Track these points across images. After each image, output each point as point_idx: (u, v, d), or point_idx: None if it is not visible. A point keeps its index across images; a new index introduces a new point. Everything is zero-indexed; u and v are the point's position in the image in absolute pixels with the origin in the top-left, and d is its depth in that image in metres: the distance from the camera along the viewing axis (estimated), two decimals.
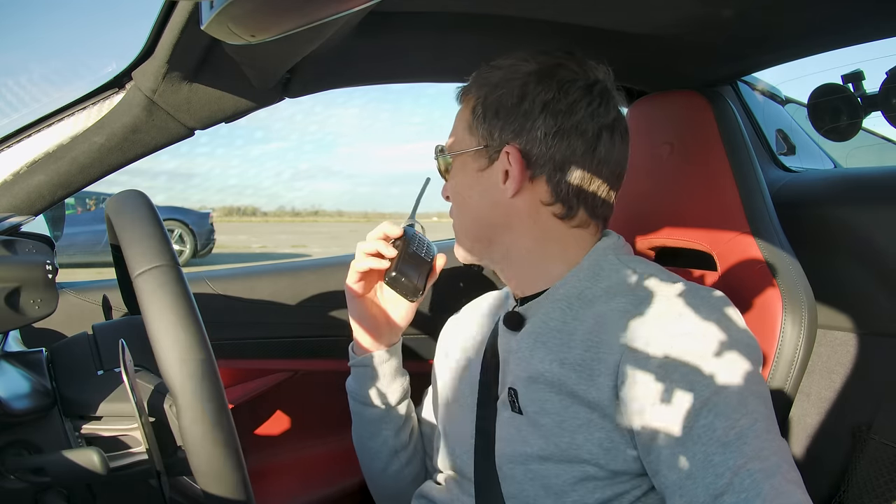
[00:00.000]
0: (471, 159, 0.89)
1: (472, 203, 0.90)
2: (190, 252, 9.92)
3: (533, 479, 0.81)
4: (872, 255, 0.94)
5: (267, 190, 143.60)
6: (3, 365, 0.75)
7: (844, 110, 1.25)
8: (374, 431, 1.05)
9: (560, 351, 0.82)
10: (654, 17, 0.97)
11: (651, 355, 0.75)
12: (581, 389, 0.78)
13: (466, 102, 0.91)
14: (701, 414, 0.71)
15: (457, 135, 0.92)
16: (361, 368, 1.03)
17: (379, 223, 1.00)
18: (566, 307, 0.85)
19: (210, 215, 10.49)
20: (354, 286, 1.00)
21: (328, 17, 0.42)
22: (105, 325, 0.87)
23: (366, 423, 1.05)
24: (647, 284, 0.82)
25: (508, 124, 0.85)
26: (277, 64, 0.93)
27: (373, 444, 1.06)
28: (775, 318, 0.91)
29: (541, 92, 0.85)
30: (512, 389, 0.85)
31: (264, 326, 1.39)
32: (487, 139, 0.87)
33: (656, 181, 1.14)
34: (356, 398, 1.05)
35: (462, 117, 0.91)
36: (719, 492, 0.68)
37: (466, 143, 0.90)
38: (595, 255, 0.88)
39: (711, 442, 0.70)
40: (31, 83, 1.03)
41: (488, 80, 0.88)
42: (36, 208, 0.94)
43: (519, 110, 0.85)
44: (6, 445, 0.70)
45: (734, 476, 0.68)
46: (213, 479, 0.63)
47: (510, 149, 0.85)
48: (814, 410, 0.93)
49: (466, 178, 0.90)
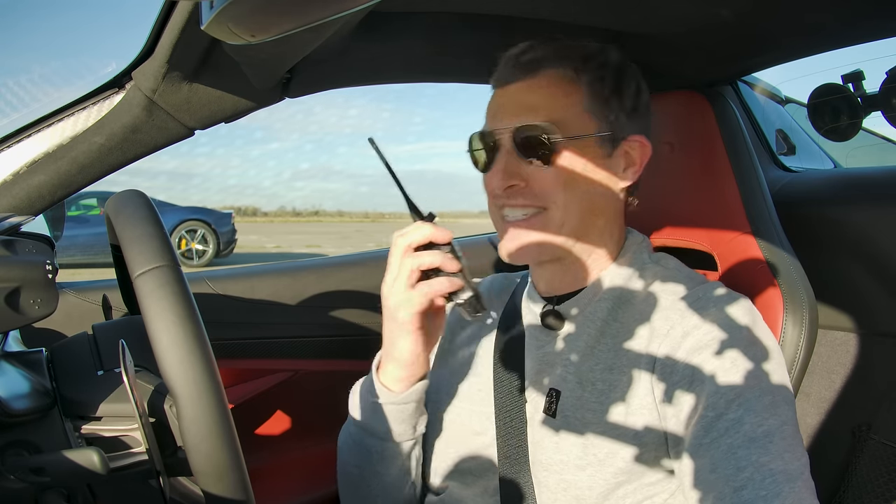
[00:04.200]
0: (595, 144, 0.83)
1: (592, 189, 0.83)
2: (213, 252, 9.99)
3: (566, 490, 0.79)
4: (872, 255, 0.94)
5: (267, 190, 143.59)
6: (3, 365, 0.75)
7: (844, 110, 1.25)
8: (399, 464, 0.90)
9: (605, 354, 0.81)
10: (654, 17, 0.97)
11: (685, 350, 0.76)
12: (624, 394, 0.78)
13: (568, 79, 0.83)
14: (731, 407, 0.71)
15: (563, 114, 0.81)
16: (404, 406, 0.85)
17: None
18: (608, 307, 0.84)
19: (232, 215, 10.62)
20: (416, 318, 0.79)
21: (328, 17, 0.42)
22: (105, 325, 0.87)
23: (390, 458, 0.89)
24: (682, 283, 0.83)
25: (636, 114, 0.87)
26: (277, 64, 0.93)
27: (389, 476, 0.91)
28: (776, 318, 0.91)
29: (645, 88, 0.89)
30: (553, 391, 0.82)
31: (264, 326, 1.39)
32: (613, 125, 0.84)
33: (657, 181, 1.14)
34: (387, 437, 0.87)
35: (568, 96, 0.82)
36: (740, 485, 0.67)
37: (587, 125, 0.82)
38: (629, 254, 0.88)
39: (738, 435, 0.70)
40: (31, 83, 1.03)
41: (596, 63, 0.84)
42: (36, 208, 0.94)
43: (640, 101, 0.87)
44: (6, 445, 0.70)
45: (755, 472, 0.67)
46: (213, 479, 0.63)
47: (640, 139, 0.86)
48: (814, 410, 0.93)
49: (586, 164, 0.82)
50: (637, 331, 0.80)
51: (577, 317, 0.86)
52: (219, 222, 10.21)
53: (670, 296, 0.81)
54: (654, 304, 0.81)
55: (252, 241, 15.29)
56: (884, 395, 0.88)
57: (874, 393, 0.89)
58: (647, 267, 0.86)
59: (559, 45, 0.84)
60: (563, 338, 0.86)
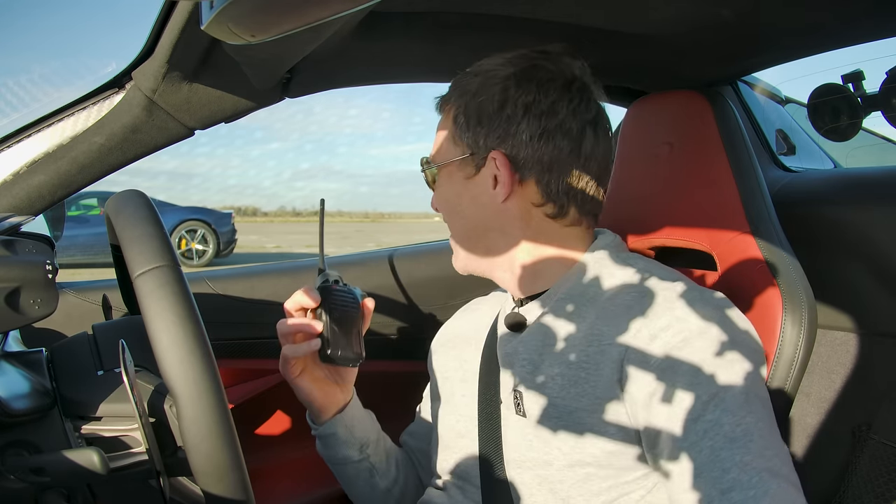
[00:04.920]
0: (457, 168, 0.90)
1: (464, 211, 0.90)
2: (213, 252, 10.00)
3: (541, 484, 0.81)
4: (872, 255, 0.94)
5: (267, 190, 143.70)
6: (3, 365, 0.75)
7: (844, 110, 1.25)
8: (363, 482, 1.02)
9: (565, 351, 0.82)
10: (653, 17, 0.97)
11: (654, 352, 0.76)
12: (586, 390, 0.78)
13: (447, 112, 0.92)
14: (707, 409, 0.72)
15: (440, 145, 0.92)
16: (330, 437, 0.98)
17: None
18: (569, 306, 0.85)
19: (232, 215, 10.64)
20: (290, 371, 0.93)
21: (328, 17, 0.42)
22: (105, 325, 0.87)
23: (352, 478, 1.01)
24: (649, 282, 0.83)
25: (493, 130, 0.86)
26: (277, 64, 0.93)
27: (362, 491, 1.03)
28: (775, 318, 0.91)
29: (521, 95, 0.85)
30: (517, 392, 0.85)
31: (264, 326, 1.39)
32: (472, 147, 0.87)
33: (656, 181, 1.14)
34: (335, 462, 1.00)
35: (444, 127, 0.91)
36: (727, 487, 0.68)
37: (451, 152, 0.90)
38: (594, 254, 0.88)
39: (718, 437, 0.70)
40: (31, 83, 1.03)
41: (467, 88, 0.89)
42: (36, 208, 0.94)
43: (501, 115, 0.86)
44: (6, 445, 0.70)
45: (741, 472, 0.68)
46: (213, 479, 0.63)
47: (496, 154, 0.86)
48: (814, 410, 0.93)
49: (455, 187, 0.90)
50: (601, 329, 0.80)
51: (538, 317, 0.88)
52: (219, 222, 10.24)
53: (638, 294, 0.81)
54: (620, 303, 0.81)
55: (252, 241, 15.29)
56: (884, 395, 0.88)
57: (874, 393, 0.89)
58: (614, 266, 0.87)
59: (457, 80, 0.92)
60: (525, 338, 0.88)
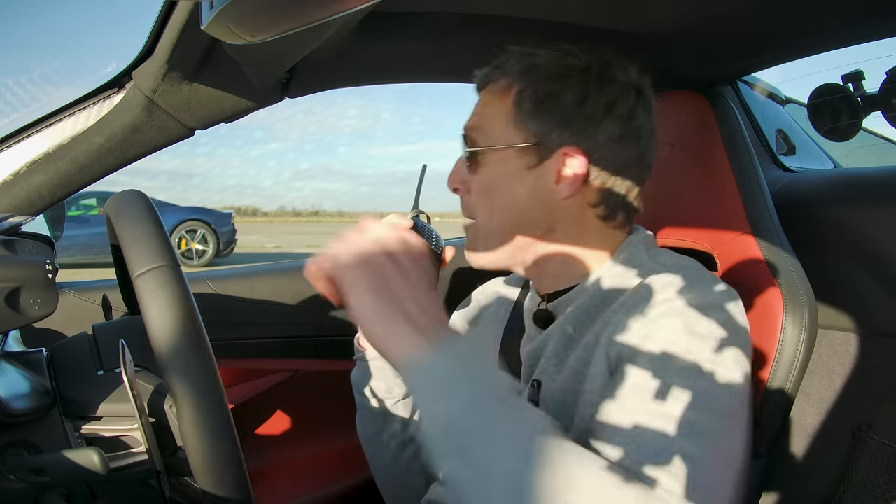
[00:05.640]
0: (515, 155, 0.83)
1: (514, 201, 0.84)
2: (213, 252, 10.00)
3: None
4: (872, 255, 0.94)
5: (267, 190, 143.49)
6: (3, 365, 0.75)
7: (844, 110, 1.25)
8: (382, 424, 1.01)
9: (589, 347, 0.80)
10: (653, 17, 0.97)
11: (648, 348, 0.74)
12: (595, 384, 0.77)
13: (504, 91, 0.84)
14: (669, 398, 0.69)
15: (494, 126, 0.84)
16: (367, 362, 0.99)
17: None
18: (597, 303, 0.83)
19: (232, 215, 10.63)
20: None
21: (328, 17, 0.42)
22: (105, 325, 0.87)
23: (374, 416, 1.01)
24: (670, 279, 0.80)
25: (569, 125, 0.81)
26: (277, 64, 0.93)
27: (381, 437, 1.02)
28: (776, 318, 0.91)
29: (603, 94, 0.81)
30: (536, 381, 0.84)
31: (264, 326, 1.39)
32: (540, 136, 0.82)
33: (657, 181, 1.13)
34: (362, 391, 1.00)
35: (499, 107, 0.84)
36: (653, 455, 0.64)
37: (510, 136, 0.83)
38: (626, 252, 0.87)
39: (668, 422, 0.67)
40: (31, 83, 1.03)
41: (532, 71, 0.82)
42: (36, 208, 0.94)
43: (580, 112, 0.81)
44: (6, 445, 0.70)
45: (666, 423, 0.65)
46: (213, 479, 0.63)
47: (571, 150, 0.81)
48: (814, 410, 0.93)
49: (509, 175, 0.83)
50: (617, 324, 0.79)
51: (565, 314, 0.86)
52: (219, 222, 10.23)
53: (653, 290, 0.80)
54: (639, 299, 0.80)
55: (252, 241, 15.29)
56: (884, 395, 0.88)
57: (874, 393, 0.89)
58: (642, 264, 0.86)
59: (509, 57, 0.84)
60: (550, 333, 0.87)
